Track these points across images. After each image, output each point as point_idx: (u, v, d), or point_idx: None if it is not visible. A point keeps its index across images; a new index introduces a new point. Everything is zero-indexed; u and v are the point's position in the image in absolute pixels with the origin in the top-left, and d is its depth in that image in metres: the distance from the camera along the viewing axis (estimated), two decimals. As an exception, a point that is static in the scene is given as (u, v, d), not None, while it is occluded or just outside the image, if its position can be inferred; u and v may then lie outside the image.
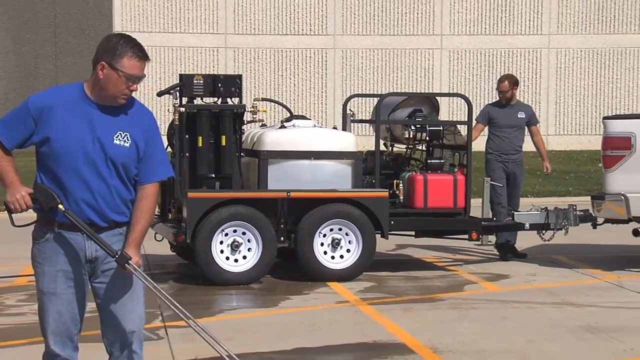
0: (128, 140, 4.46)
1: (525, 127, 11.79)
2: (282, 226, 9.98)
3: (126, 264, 4.38)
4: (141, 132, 4.51)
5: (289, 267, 10.28)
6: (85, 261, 4.50)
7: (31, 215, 4.53)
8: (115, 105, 4.47)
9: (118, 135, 4.45)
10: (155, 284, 4.53)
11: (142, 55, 4.47)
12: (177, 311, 4.61)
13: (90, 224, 4.44)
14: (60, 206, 4.37)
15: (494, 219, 11.38)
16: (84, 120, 4.43)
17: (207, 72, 10.91)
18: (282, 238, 10.00)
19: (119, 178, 4.48)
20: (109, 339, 4.59)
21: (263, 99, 11.62)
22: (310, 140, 10.28)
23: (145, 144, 4.51)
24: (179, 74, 10.70)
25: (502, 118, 11.61)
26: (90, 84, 4.50)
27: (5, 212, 4.50)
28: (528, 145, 12.07)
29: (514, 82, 11.89)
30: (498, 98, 11.90)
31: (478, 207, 11.86)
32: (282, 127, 10.53)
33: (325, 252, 9.99)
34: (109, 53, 4.43)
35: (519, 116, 11.67)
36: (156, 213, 7.72)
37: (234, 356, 4.63)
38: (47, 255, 4.49)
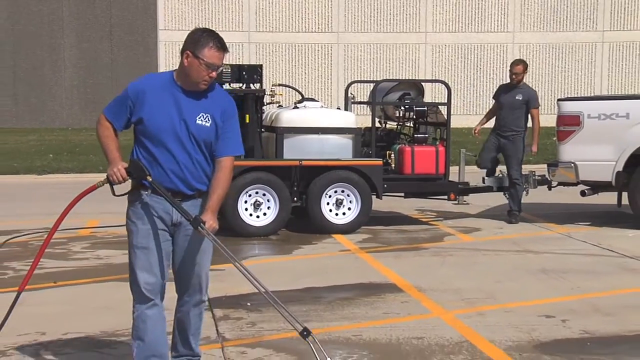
0: (209, 120, 4.30)
1: (525, 109, 10.67)
2: (295, 189, 9.97)
3: (199, 227, 4.21)
4: (219, 112, 4.34)
5: (301, 222, 10.29)
6: (170, 223, 4.34)
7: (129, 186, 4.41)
8: (197, 90, 4.30)
9: (200, 116, 4.28)
10: (222, 245, 4.32)
11: (220, 46, 4.27)
12: (237, 265, 4.40)
13: (178, 192, 4.29)
14: (149, 177, 4.23)
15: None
16: (173, 102, 4.28)
17: (234, 63, 10.80)
18: (295, 198, 9.99)
19: (202, 152, 4.32)
20: (180, 287, 4.47)
21: (279, 85, 11.57)
22: (318, 119, 10.24)
23: (222, 122, 4.34)
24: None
25: (504, 97, 10.84)
26: (178, 71, 4.34)
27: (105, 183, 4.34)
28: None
29: (526, 66, 10.98)
30: (509, 80, 10.92)
31: (455, 173, 11.85)
32: (295, 107, 10.50)
33: (330, 210, 9.98)
34: (193, 44, 4.25)
35: (516, 97, 10.68)
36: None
37: (272, 294, 4.43)
38: (140, 215, 4.31)
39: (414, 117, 11.02)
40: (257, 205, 9.76)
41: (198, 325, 4.55)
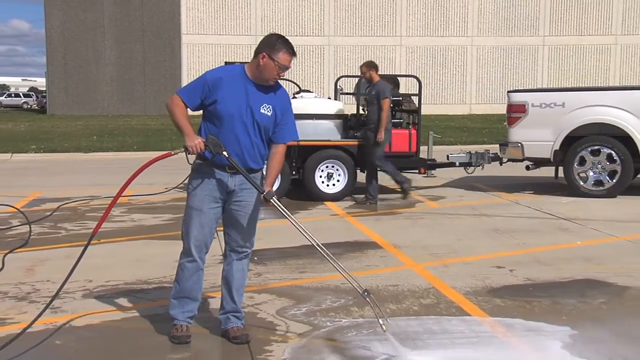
0: (270, 110, 4.16)
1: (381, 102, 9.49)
2: (294, 164, 9.95)
3: (271, 199, 4.12)
4: (279, 105, 4.21)
5: (298, 191, 10.27)
6: (225, 192, 4.20)
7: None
8: (266, 84, 4.16)
9: (264, 106, 4.14)
10: (289, 212, 4.20)
11: (292, 52, 4.11)
12: (304, 233, 4.25)
13: (233, 167, 4.14)
14: (225, 153, 4.07)
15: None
16: (242, 92, 4.12)
17: (243, 61, 10.70)
18: (294, 172, 9.97)
19: (260, 137, 4.18)
20: (230, 246, 4.33)
21: (280, 79, 11.49)
22: (313, 107, 10.20)
23: (281, 115, 4.21)
24: (225, 62, 10.56)
25: (367, 95, 10.03)
26: (251, 67, 4.16)
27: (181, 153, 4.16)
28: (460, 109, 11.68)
29: (370, 66, 9.76)
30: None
31: (425, 152, 11.83)
32: (294, 97, 10.45)
33: (323, 182, 9.98)
34: (270, 47, 4.06)
35: (372, 93, 9.67)
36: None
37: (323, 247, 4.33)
38: (199, 183, 4.16)
39: (391, 105, 10.97)
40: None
41: (241, 282, 4.37)
